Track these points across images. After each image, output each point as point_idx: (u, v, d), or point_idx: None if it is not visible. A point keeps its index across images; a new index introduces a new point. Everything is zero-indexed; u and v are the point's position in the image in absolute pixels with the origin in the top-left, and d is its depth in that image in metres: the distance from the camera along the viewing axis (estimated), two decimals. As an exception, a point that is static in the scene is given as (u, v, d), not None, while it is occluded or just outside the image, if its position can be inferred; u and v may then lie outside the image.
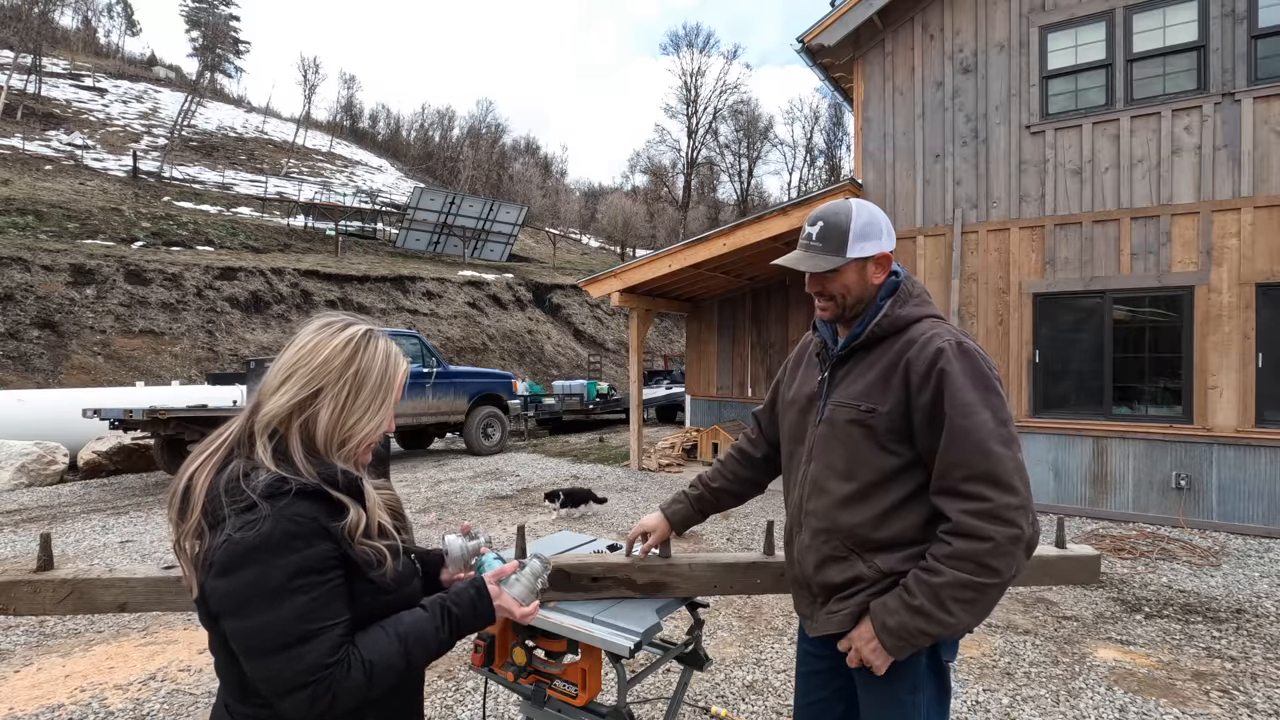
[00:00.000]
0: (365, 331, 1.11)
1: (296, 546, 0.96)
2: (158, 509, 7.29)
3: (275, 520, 0.95)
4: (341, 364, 1.06)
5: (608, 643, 1.64)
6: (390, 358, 1.11)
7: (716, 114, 52.41)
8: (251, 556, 0.94)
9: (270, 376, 1.07)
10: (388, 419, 1.12)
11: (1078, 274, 6.93)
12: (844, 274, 1.46)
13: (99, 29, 60.02)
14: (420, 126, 65.03)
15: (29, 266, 17.37)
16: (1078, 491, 6.91)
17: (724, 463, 1.89)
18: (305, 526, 0.98)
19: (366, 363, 1.08)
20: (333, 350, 1.07)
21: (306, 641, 0.96)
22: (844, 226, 1.45)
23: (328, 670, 0.96)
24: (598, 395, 16.23)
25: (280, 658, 0.95)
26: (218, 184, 36.56)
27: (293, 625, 0.95)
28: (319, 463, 1.05)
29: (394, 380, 1.12)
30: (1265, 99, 6.18)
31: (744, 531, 6.28)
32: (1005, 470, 1.26)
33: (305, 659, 0.95)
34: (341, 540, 1.01)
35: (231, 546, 0.95)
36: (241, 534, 0.94)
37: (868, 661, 1.36)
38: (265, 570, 0.94)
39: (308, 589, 0.97)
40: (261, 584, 0.94)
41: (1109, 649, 3.67)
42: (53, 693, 3.20)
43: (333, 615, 0.99)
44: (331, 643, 0.98)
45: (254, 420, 1.05)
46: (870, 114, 8.08)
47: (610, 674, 1.92)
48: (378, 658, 1.01)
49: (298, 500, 0.98)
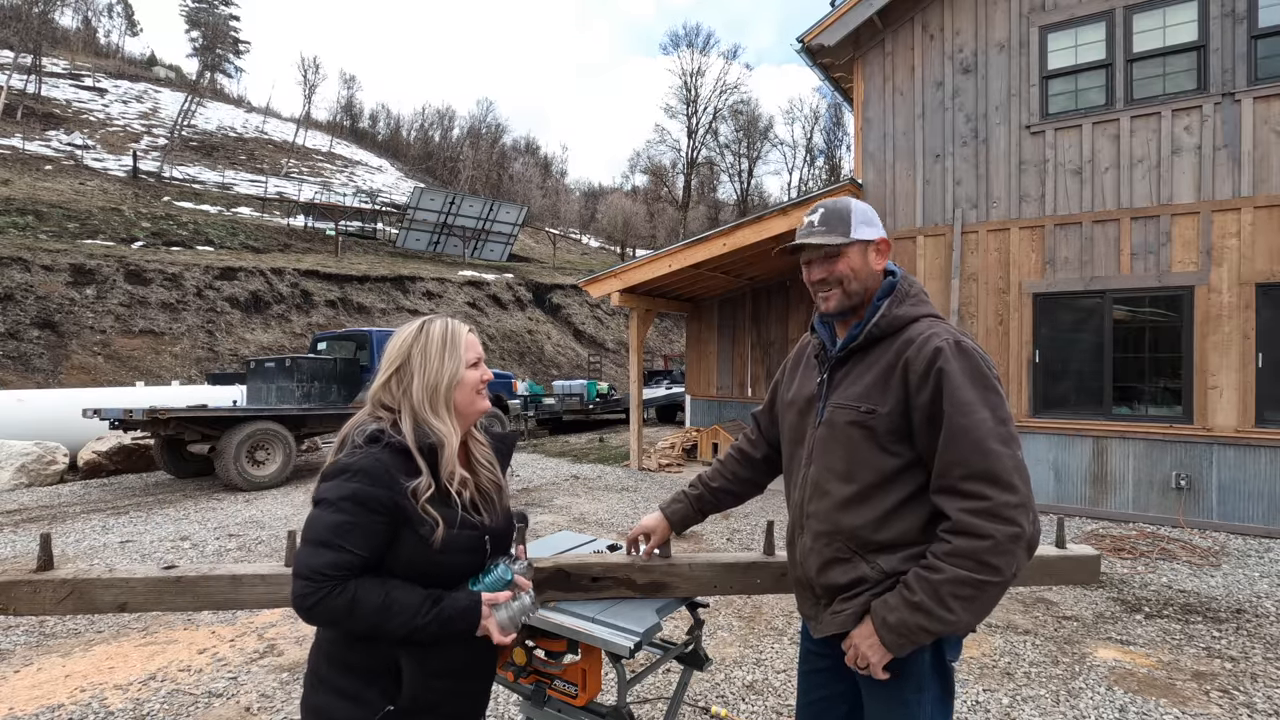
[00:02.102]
0: (425, 319, 1.44)
1: (361, 480, 1.23)
2: (158, 509, 7.30)
3: (363, 457, 1.25)
4: (411, 341, 1.38)
5: (608, 643, 1.64)
6: (448, 325, 1.42)
7: (716, 114, 52.45)
8: (336, 474, 1.26)
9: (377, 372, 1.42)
10: (461, 364, 1.39)
11: (1078, 274, 6.93)
12: (849, 255, 1.48)
13: (99, 29, 60.07)
14: (420, 126, 65.06)
15: (29, 266, 17.37)
16: (1078, 491, 6.91)
17: (723, 463, 1.89)
18: (377, 470, 1.24)
19: (429, 334, 1.40)
20: (405, 337, 1.40)
21: (326, 547, 1.21)
22: (846, 211, 1.48)
23: (324, 578, 1.19)
24: (598, 395, 16.24)
25: (305, 547, 1.22)
26: (218, 184, 36.56)
27: (324, 530, 1.21)
28: (417, 429, 1.32)
29: (457, 338, 1.41)
30: (1265, 99, 6.18)
31: (744, 531, 6.28)
32: (1004, 468, 1.27)
33: (317, 558, 1.20)
34: (402, 494, 1.25)
35: (331, 464, 1.29)
36: (342, 458, 1.27)
37: (866, 658, 1.36)
38: (337, 485, 1.24)
39: (349, 513, 1.22)
40: (330, 492, 1.24)
41: (1109, 649, 3.67)
42: (53, 693, 3.20)
43: (353, 544, 1.22)
44: (338, 561, 1.20)
45: (368, 396, 1.40)
46: (870, 114, 8.08)
47: (610, 674, 1.92)
48: (363, 599, 1.22)
49: (384, 450, 1.27)
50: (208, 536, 6.14)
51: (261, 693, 3.19)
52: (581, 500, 7.75)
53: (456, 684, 1.35)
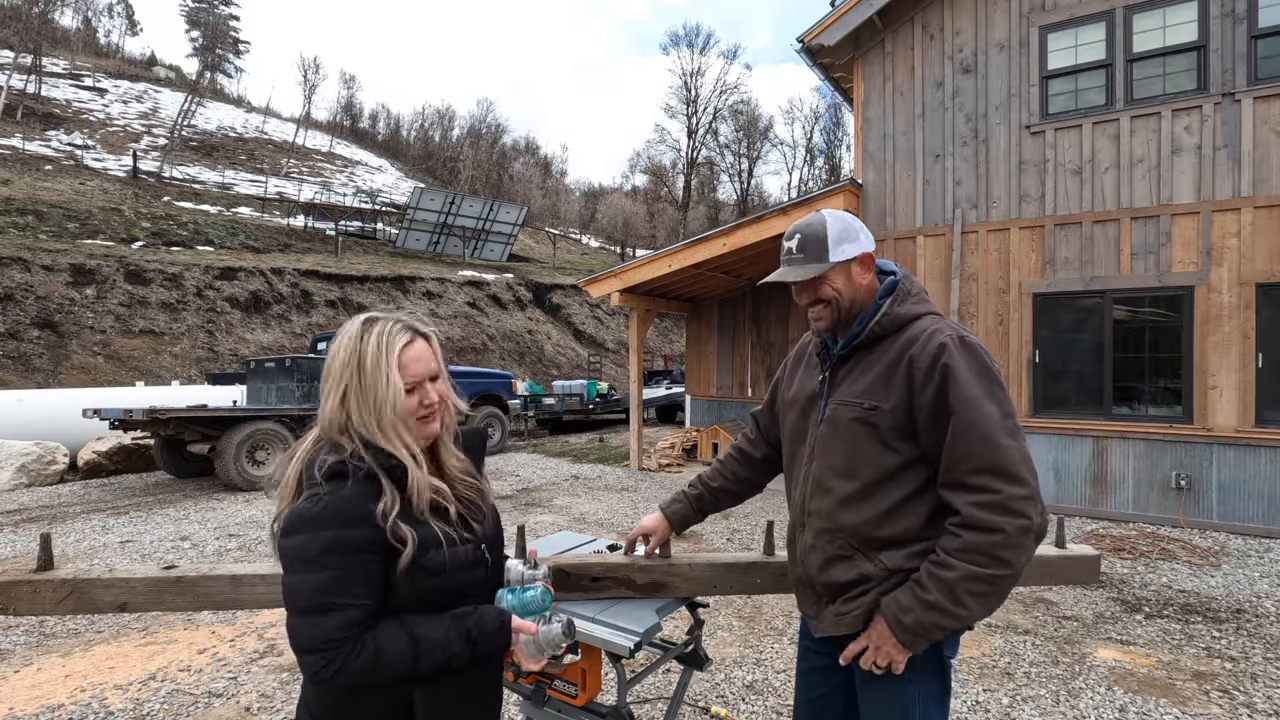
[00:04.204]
0: (362, 323, 1.22)
1: (335, 525, 1.09)
2: (158, 509, 7.29)
3: (328, 498, 1.10)
4: (344, 361, 1.19)
5: (608, 643, 1.64)
6: (382, 342, 1.19)
7: (716, 114, 52.45)
8: (303, 525, 1.09)
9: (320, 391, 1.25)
10: (397, 389, 1.18)
11: (1078, 274, 6.93)
12: (831, 278, 1.48)
13: (99, 29, 60.04)
14: (420, 126, 65.02)
15: (29, 266, 17.37)
16: (1078, 491, 6.91)
17: (723, 462, 1.89)
18: (350, 508, 1.10)
19: (361, 353, 1.19)
20: (339, 352, 1.20)
21: (324, 613, 1.06)
22: (821, 234, 1.46)
23: (336, 644, 1.06)
24: (598, 395, 16.23)
25: (302, 619, 1.08)
26: (218, 184, 36.55)
27: (314, 595, 1.07)
28: (375, 450, 1.16)
29: (390, 357, 1.19)
30: (1265, 99, 6.18)
31: (744, 531, 6.28)
32: (1012, 461, 1.27)
33: (319, 627, 1.06)
34: (381, 523, 1.11)
35: (292, 512, 1.12)
36: (303, 505, 1.11)
37: (889, 658, 1.37)
38: (309, 540, 1.08)
39: (336, 566, 1.08)
40: (305, 549, 1.08)
41: (1109, 649, 3.67)
42: (53, 693, 3.20)
43: (353, 596, 1.08)
44: (345, 620, 1.07)
45: (321, 422, 1.22)
46: (870, 114, 8.08)
47: (610, 674, 1.92)
48: (387, 648, 1.09)
49: (350, 483, 1.11)
50: (208, 536, 6.14)
51: (261, 693, 3.19)
52: (581, 500, 7.75)
53: (471, 710, 1.28)
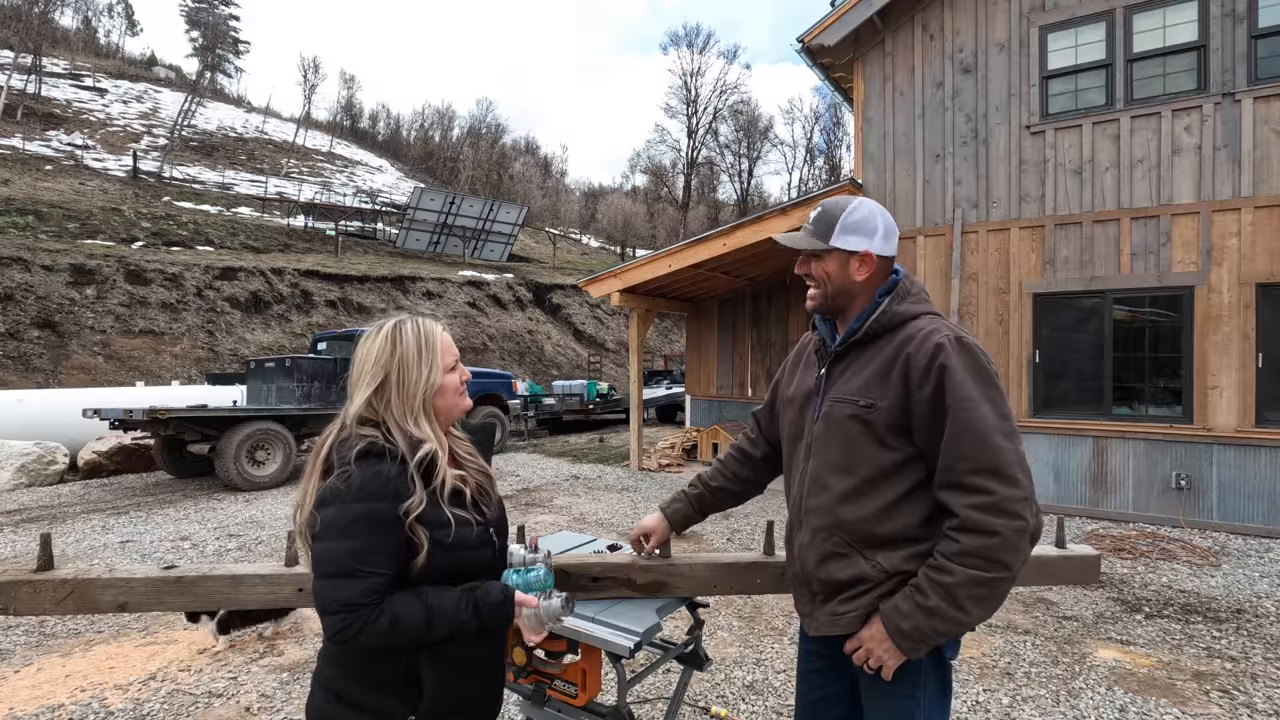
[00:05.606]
0: (394, 324, 1.36)
1: (364, 499, 1.19)
2: (158, 509, 7.29)
3: (360, 475, 1.20)
4: (388, 354, 1.31)
5: (608, 643, 1.64)
6: (420, 330, 1.35)
7: (716, 114, 52.44)
8: (335, 499, 1.20)
9: (350, 388, 1.35)
10: (439, 370, 1.35)
11: (1078, 274, 6.93)
12: (826, 260, 1.49)
13: (99, 29, 60.12)
14: (420, 126, 65.05)
15: (29, 266, 17.37)
16: (1078, 491, 6.91)
17: (724, 462, 1.88)
18: (379, 485, 1.20)
19: (404, 343, 1.33)
20: (378, 349, 1.32)
21: (350, 576, 1.17)
22: (835, 215, 1.48)
23: (358, 608, 1.16)
24: (598, 395, 16.24)
25: (326, 582, 1.18)
26: (218, 184, 36.56)
27: (342, 560, 1.17)
28: (406, 440, 1.27)
29: (433, 342, 1.35)
30: (1265, 99, 6.18)
31: (744, 531, 6.28)
32: (1008, 462, 1.27)
33: (344, 590, 1.17)
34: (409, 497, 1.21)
35: (326, 487, 1.22)
36: (335, 481, 1.21)
37: (881, 662, 1.37)
38: (340, 511, 1.19)
39: (362, 536, 1.18)
40: (336, 520, 1.19)
41: (1109, 649, 3.67)
42: (53, 693, 3.20)
43: (377, 566, 1.18)
44: (367, 586, 1.17)
45: (345, 418, 1.33)
46: (870, 114, 8.08)
47: (610, 674, 1.92)
48: (404, 615, 1.19)
49: (381, 462, 1.22)
50: (208, 536, 6.14)
51: (261, 693, 3.19)
52: (581, 500, 7.75)
53: (476, 684, 1.35)
